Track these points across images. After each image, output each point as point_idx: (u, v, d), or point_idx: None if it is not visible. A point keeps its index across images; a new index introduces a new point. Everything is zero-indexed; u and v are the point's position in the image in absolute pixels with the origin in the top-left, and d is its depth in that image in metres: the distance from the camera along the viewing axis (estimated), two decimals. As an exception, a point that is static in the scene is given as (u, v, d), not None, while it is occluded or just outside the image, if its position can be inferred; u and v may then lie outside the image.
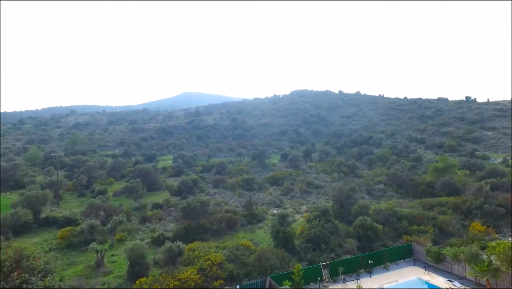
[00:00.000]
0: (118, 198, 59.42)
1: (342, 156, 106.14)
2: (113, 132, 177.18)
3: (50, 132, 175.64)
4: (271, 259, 31.16)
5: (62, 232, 39.80)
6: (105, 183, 68.63)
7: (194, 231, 39.85)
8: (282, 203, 56.05)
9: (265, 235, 41.14)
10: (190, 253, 32.08)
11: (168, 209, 51.54)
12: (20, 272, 24.32)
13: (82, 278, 30.12)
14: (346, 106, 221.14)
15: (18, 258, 25.11)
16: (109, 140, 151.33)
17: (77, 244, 38.15)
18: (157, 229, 43.30)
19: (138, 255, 29.89)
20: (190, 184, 62.80)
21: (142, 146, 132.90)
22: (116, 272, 31.96)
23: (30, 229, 43.64)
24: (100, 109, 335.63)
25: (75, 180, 68.37)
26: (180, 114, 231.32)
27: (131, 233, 42.34)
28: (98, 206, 46.06)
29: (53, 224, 45.24)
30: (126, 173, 79.18)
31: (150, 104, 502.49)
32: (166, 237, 37.78)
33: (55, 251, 36.46)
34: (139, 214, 49.24)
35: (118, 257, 35.16)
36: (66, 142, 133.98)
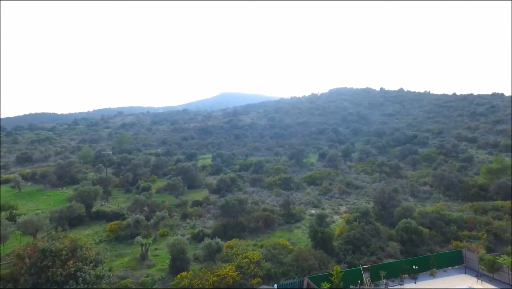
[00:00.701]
0: (161, 195, 62.11)
1: (384, 155, 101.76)
2: (156, 132, 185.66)
3: (100, 132, 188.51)
4: (309, 260, 30.75)
5: (111, 225, 42.52)
6: (149, 180, 72.15)
7: (232, 228, 40.54)
8: (320, 203, 55.08)
9: (302, 235, 40.72)
10: (228, 250, 32.69)
11: (207, 207, 52.92)
12: (75, 261, 26.37)
13: (129, 270, 31.95)
14: (388, 104, 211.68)
15: (73, 248, 27.24)
16: (152, 140, 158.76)
17: (124, 237, 40.51)
18: (197, 225, 44.65)
19: (179, 250, 31.03)
20: (228, 182, 63.95)
21: (182, 145, 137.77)
22: (159, 265, 33.46)
23: (83, 222, 47.19)
24: (145, 110, 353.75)
25: (122, 177, 72.66)
26: (218, 114, 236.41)
27: (172, 228, 44.08)
28: (143, 202, 48.53)
29: (102, 218, 48.49)
30: (168, 171, 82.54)
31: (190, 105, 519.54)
32: (205, 233, 38.85)
33: (105, 243, 38.98)
34: (180, 211, 51.10)
35: (160, 251, 36.80)
36: (114, 141, 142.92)
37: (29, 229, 37.13)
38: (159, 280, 30.08)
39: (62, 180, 73.79)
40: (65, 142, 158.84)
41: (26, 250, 26.75)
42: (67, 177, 74.88)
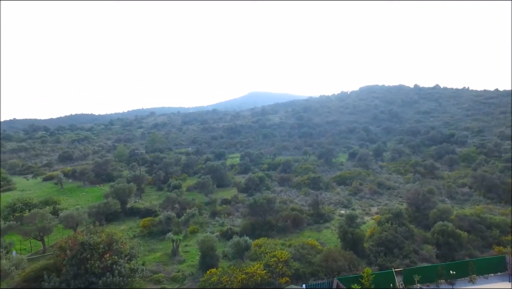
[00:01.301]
0: (191, 193, 63.61)
1: (418, 155, 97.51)
2: (186, 131, 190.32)
3: (134, 132, 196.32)
4: (339, 261, 30.18)
5: (144, 221, 44.18)
6: (180, 178, 74.11)
7: (260, 227, 40.70)
8: (350, 204, 53.85)
9: (332, 236, 40.04)
10: (256, 249, 32.86)
11: (236, 205, 53.49)
12: (111, 254, 27.70)
13: (160, 264, 33.06)
14: (422, 101, 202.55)
15: (109, 242, 28.63)
16: (183, 139, 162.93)
17: (156, 233, 41.93)
18: (225, 223, 45.28)
19: (208, 247, 31.63)
20: (256, 181, 64.23)
21: (212, 144, 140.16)
22: (189, 261, 34.32)
23: (118, 217, 49.40)
24: (175, 110, 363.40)
25: (154, 175, 75.23)
26: (247, 114, 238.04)
27: (202, 225, 45.01)
28: (174, 199, 49.96)
29: (136, 214, 50.48)
30: (198, 170, 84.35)
31: (219, 105, 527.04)
32: (234, 231, 39.30)
33: (138, 238, 40.58)
34: (209, 209, 52.05)
35: (191, 248, 37.70)
36: (147, 141, 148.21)
37: (70, 223, 39.49)
38: (189, 276, 30.85)
39: (99, 177, 77.67)
40: (102, 142, 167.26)
41: (68, 243, 28.49)
42: (103, 175, 78.70)
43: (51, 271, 27.27)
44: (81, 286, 26.16)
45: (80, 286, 26.12)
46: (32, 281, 27.37)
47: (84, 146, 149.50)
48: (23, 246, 38.63)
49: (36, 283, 26.82)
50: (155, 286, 28.91)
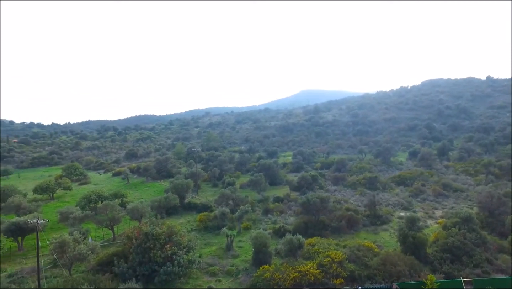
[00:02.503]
0: (244, 190, 64.96)
1: (491, 154, 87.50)
2: (239, 130, 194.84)
3: (191, 131, 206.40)
4: (398, 265, 28.46)
5: (200, 216, 46.28)
6: (233, 176, 76.16)
7: (313, 226, 40.08)
8: (411, 206, 50.40)
9: (390, 239, 37.92)
10: (309, 248, 32.46)
11: (288, 203, 53.35)
12: (171, 245, 29.60)
13: (216, 258, 34.35)
14: (497, 94, 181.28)
15: (170, 234, 30.60)
16: (236, 138, 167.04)
17: (212, 227, 43.65)
18: (278, 221, 45.42)
19: (261, 243, 32.06)
20: (309, 180, 63.35)
21: (264, 143, 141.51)
22: (243, 256, 35.13)
23: (177, 211, 52.42)
24: (229, 110, 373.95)
25: (209, 172, 78.34)
26: (299, 112, 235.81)
27: (255, 222, 45.73)
28: (228, 196, 51.52)
29: (193, 209, 53.05)
30: (250, 167, 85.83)
31: (271, 104, 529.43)
32: (286, 229, 39.25)
33: (195, 232, 42.63)
34: (262, 206, 52.66)
35: (244, 243, 38.55)
36: (202, 139, 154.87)
37: (135, 215, 43.00)
38: (243, 270, 31.60)
39: (160, 173, 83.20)
40: (163, 141, 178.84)
41: (134, 233, 31.09)
42: (164, 171, 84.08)
43: (120, 257, 29.99)
44: (145, 272, 28.39)
45: (144, 272, 28.35)
46: (104, 265, 30.38)
47: (147, 144, 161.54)
48: (97, 234, 42.99)
49: (108, 267, 29.69)
50: (210, 278, 30.13)
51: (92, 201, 50.97)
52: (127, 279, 26.90)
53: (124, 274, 28.03)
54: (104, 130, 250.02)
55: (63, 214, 43.36)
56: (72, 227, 39.41)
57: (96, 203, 49.60)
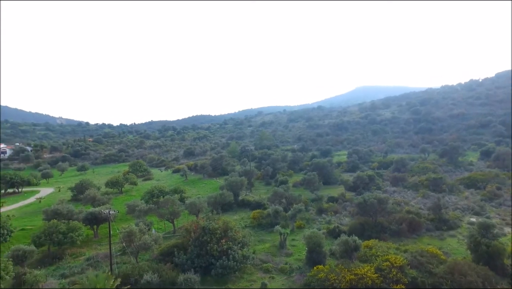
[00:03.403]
0: (297, 189, 64.48)
1: None
2: (292, 129, 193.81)
3: (244, 130, 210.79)
4: (469, 275, 25.89)
5: (254, 213, 47.06)
6: (286, 174, 76.08)
7: (370, 228, 38.32)
8: (484, 211, 45.45)
9: (458, 246, 34.66)
10: (366, 250, 31.09)
11: (343, 203, 51.72)
12: (226, 240, 30.60)
13: (269, 255, 34.64)
14: None
15: (225, 229, 31.66)
16: (289, 137, 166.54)
17: (265, 225, 44.12)
18: (332, 221, 44.28)
19: (315, 243, 31.54)
20: (365, 180, 60.71)
21: (317, 141, 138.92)
22: (296, 255, 34.92)
23: (231, 208, 53.99)
24: (281, 109, 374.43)
25: (262, 170, 79.26)
26: (354, 110, 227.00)
27: (308, 221, 45.15)
28: (281, 194, 51.61)
29: (247, 206, 54.14)
30: (303, 166, 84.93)
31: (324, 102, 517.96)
32: (341, 230, 38.09)
33: (249, 228, 43.42)
34: (315, 205, 51.80)
35: (297, 242, 38.29)
36: (255, 138, 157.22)
37: (193, 210, 45.26)
38: (296, 269, 31.42)
39: (215, 171, 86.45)
40: (218, 139, 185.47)
41: (192, 226, 32.76)
42: (219, 169, 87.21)
43: (180, 249, 31.84)
44: (203, 265, 29.74)
45: (202, 264, 29.71)
46: (166, 255, 32.50)
47: (203, 143, 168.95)
48: (159, 226, 46.20)
49: (169, 257, 31.71)
50: (264, 274, 30.49)
51: (155, 196, 54.85)
52: (186, 270, 28.46)
53: (183, 265, 29.71)
54: (164, 130, 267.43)
55: (130, 206, 47.34)
56: (138, 218, 42.97)
57: (158, 198, 53.29)
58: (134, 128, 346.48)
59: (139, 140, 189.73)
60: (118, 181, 73.12)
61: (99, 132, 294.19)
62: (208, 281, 28.77)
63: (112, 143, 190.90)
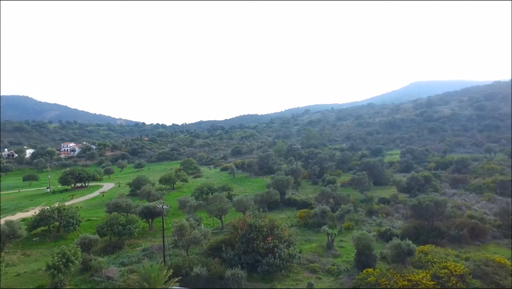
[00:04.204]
0: (345, 189, 62.53)
1: None
2: (340, 127, 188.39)
3: (291, 129, 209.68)
4: (544, 290, 23.04)
5: (300, 212, 46.63)
6: (334, 174, 74.19)
7: (426, 232, 35.85)
8: None
9: (532, 256, 30.91)
10: (421, 256, 29.17)
11: (396, 205, 49.06)
12: (273, 238, 30.77)
13: (316, 255, 34.09)
14: None
15: (272, 227, 31.85)
16: (337, 135, 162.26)
17: (311, 224, 43.48)
18: (383, 223, 42.26)
19: (365, 245, 30.35)
20: (421, 181, 56.91)
21: (367, 140, 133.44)
22: (344, 256, 33.92)
23: (278, 206, 54.04)
24: (329, 107, 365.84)
25: (309, 170, 78.21)
26: (408, 107, 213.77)
27: (357, 223, 43.58)
28: (328, 194, 50.47)
29: (293, 205, 53.82)
30: (352, 166, 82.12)
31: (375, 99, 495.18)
32: (393, 233, 36.19)
33: (295, 228, 43.12)
34: (365, 206, 49.83)
35: (345, 244, 37.16)
36: (302, 137, 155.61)
37: (240, 207, 46.19)
38: (344, 271, 30.53)
39: (262, 169, 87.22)
40: (264, 138, 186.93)
41: (239, 223, 33.46)
42: (265, 167, 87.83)
43: (227, 245, 32.71)
44: (249, 261, 30.24)
45: (248, 261, 30.22)
46: (214, 250, 33.62)
47: (250, 142, 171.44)
48: (208, 222, 47.90)
49: (217, 252, 32.76)
50: (311, 275, 30.09)
51: (204, 192, 56.97)
52: (233, 265, 29.18)
53: (231, 260, 30.49)
54: (213, 130, 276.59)
55: (181, 202, 49.75)
56: (188, 214, 45.04)
57: (207, 194, 55.25)
58: (185, 128, 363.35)
59: (190, 140, 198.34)
60: (171, 178, 77.20)
61: (154, 132, 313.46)
62: (254, 278, 29.17)
63: (165, 142, 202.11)
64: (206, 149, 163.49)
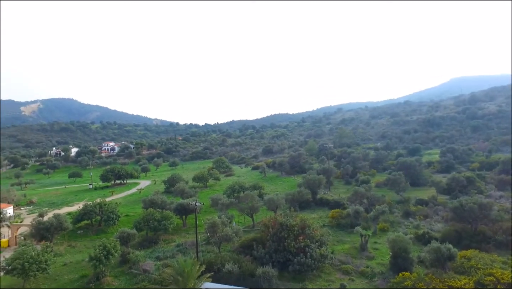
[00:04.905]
0: (380, 189, 60.48)
1: None
2: (374, 126, 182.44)
3: (323, 128, 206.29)
4: None
5: (333, 212, 45.76)
6: (368, 174, 72.00)
7: (469, 237, 33.76)
8: None
9: None
10: (464, 261, 27.52)
11: (435, 207, 46.66)
12: (304, 237, 30.48)
13: (349, 256, 33.29)
14: None
15: (303, 226, 31.56)
16: (371, 134, 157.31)
17: (344, 225, 42.52)
18: (421, 226, 40.37)
19: (401, 247, 29.16)
20: (463, 182, 53.70)
21: (404, 139, 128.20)
22: (379, 259, 32.82)
23: (309, 206, 53.43)
24: (363, 105, 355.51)
25: (342, 169, 76.53)
26: (448, 103, 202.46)
27: (393, 224, 42.00)
28: (362, 194, 49.05)
29: (325, 205, 52.92)
30: (388, 166, 79.32)
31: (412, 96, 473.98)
32: (432, 236, 34.45)
33: (327, 228, 42.34)
34: (401, 208, 47.91)
35: (380, 246, 35.95)
36: (334, 136, 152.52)
37: (271, 206, 46.24)
38: (379, 274, 29.55)
39: (293, 168, 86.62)
40: (295, 138, 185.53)
41: (270, 222, 33.50)
42: (297, 167, 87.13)
43: (258, 243, 32.86)
44: (280, 260, 30.18)
45: (280, 260, 30.17)
46: (245, 248, 33.92)
47: (281, 141, 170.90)
48: (239, 220, 48.43)
49: (248, 250, 33.02)
50: (343, 276, 29.44)
51: (235, 191, 57.64)
52: (265, 263, 29.27)
53: (262, 258, 30.61)
54: (244, 129, 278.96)
55: (213, 200, 50.73)
56: (220, 211, 45.83)
57: (239, 193, 55.85)
58: (217, 127, 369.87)
59: (222, 139, 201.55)
60: (204, 176, 78.97)
61: (187, 131, 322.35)
62: (286, 277, 29.06)
63: (198, 141, 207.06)
64: (238, 148, 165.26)
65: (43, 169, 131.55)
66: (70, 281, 31.79)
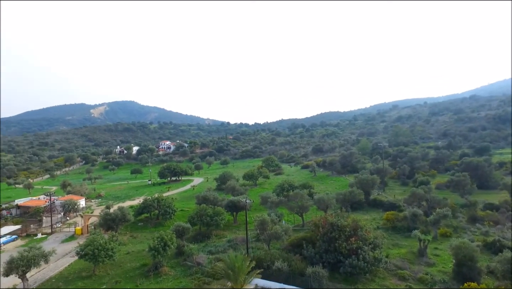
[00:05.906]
0: (441, 191, 56.05)
1: None
2: (435, 123, 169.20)
3: (376, 126, 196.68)
4: None
5: (387, 214, 43.44)
6: (427, 174, 67.15)
7: (550, 247, 29.73)
8: None
9: None
10: (543, 274, 24.35)
11: (507, 213, 41.91)
12: (356, 239, 29.43)
13: (406, 261, 31.39)
14: None
15: (355, 227, 30.50)
16: (430, 132, 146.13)
17: (400, 228, 40.16)
18: (491, 233, 36.62)
19: (466, 255, 26.76)
20: (543, 185, 47.38)
21: (469, 137, 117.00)
22: (440, 266, 30.47)
23: (362, 207, 51.41)
24: (421, 101, 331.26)
25: (398, 169, 72.28)
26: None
27: (456, 230, 38.71)
28: (421, 196, 45.92)
29: (379, 206, 50.48)
30: (450, 166, 73.10)
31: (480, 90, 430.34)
32: (504, 245, 31.08)
33: (382, 230, 40.32)
34: (466, 212, 43.89)
35: (441, 252, 33.37)
36: (389, 134, 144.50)
37: (321, 205, 45.38)
38: (440, 283, 27.43)
39: (344, 168, 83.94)
40: (347, 136, 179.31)
41: (320, 221, 32.91)
42: (348, 166, 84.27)
43: (308, 242, 32.50)
44: (331, 261, 29.50)
45: (330, 260, 29.50)
46: (295, 247, 33.76)
47: (332, 139, 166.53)
48: (289, 218, 48.30)
49: (298, 249, 32.81)
50: (399, 282, 27.85)
51: (285, 189, 57.61)
52: (315, 263, 28.85)
53: (312, 258, 30.21)
54: (294, 128, 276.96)
55: (263, 198, 51.28)
56: (270, 209, 46.18)
57: (288, 191, 55.74)
58: (266, 126, 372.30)
59: (271, 138, 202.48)
60: (253, 174, 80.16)
61: (238, 130, 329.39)
62: (336, 278, 28.34)
63: (248, 140, 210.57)
64: (287, 146, 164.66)
65: (109, 166, 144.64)
66: (133, 269, 34.52)
